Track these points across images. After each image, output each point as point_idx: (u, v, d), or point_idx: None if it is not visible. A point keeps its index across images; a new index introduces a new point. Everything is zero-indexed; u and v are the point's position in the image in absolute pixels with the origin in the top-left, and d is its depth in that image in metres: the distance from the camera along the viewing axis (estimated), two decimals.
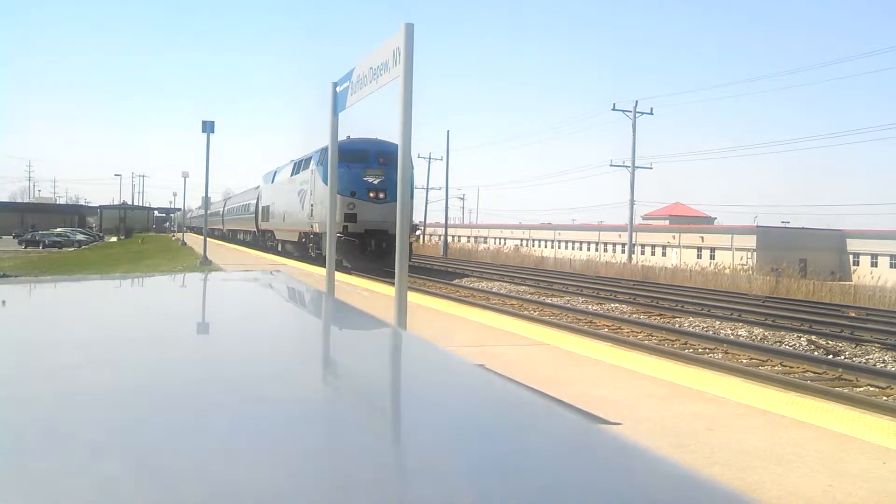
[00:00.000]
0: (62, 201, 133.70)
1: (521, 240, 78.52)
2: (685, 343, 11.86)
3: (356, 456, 0.72)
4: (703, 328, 13.94)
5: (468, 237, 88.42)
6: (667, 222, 76.48)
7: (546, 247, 72.32)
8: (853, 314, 16.81)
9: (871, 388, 8.89)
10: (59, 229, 72.10)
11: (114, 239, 75.06)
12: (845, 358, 11.13)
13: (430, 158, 58.96)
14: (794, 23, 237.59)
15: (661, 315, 15.93)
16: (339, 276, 11.30)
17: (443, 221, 52.11)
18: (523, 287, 22.35)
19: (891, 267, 51.97)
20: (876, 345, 12.15)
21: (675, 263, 38.62)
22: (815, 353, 11.36)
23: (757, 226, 61.62)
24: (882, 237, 56.61)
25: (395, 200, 5.35)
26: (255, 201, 37.80)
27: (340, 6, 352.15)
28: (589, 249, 69.86)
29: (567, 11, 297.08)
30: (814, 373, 9.67)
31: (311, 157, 24.80)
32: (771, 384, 7.29)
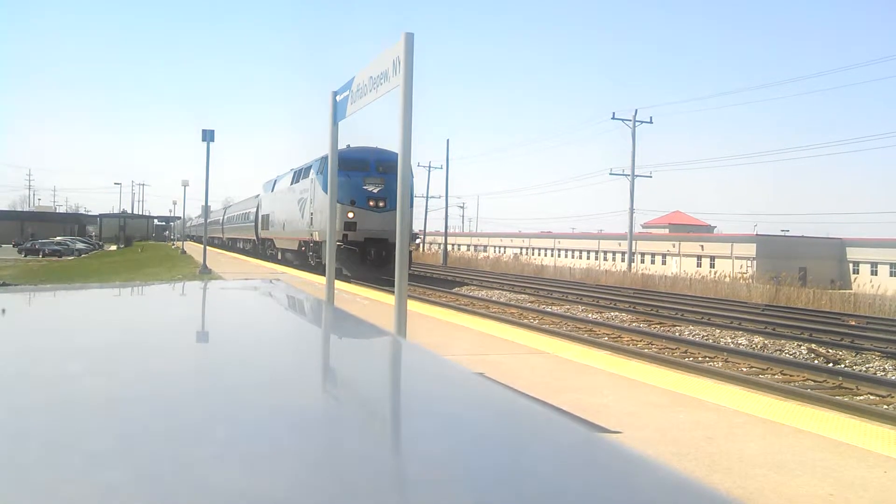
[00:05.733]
0: (62, 210, 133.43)
1: (521, 248, 78.41)
2: (685, 351, 11.85)
3: (356, 465, 0.72)
4: (703, 337, 13.93)
5: (468, 246, 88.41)
6: (666, 231, 76.49)
7: (546, 255, 72.24)
8: (853, 322, 16.80)
9: (871, 397, 8.88)
10: (58, 238, 72.01)
11: (113, 247, 74.97)
12: (845, 366, 11.12)
13: (429, 167, 59.05)
14: (795, 31, 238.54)
15: (660, 324, 15.91)
16: (338, 284, 11.30)
17: (442, 230, 52.16)
18: (523, 295, 22.33)
19: (891, 275, 51.92)
20: (876, 353, 12.14)
21: (674, 272, 38.62)
22: (816, 362, 11.35)
23: (757, 234, 61.62)
24: (882, 246, 56.56)
25: (395, 209, 5.34)
26: (254, 210, 37.84)
27: (341, 15, 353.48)
28: (589, 258, 69.86)
29: (567, 20, 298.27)
30: (814, 381, 9.65)
31: (310, 166, 24.83)
32: (771, 392, 7.28)
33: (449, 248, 51.99)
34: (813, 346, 12.69)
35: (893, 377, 10.36)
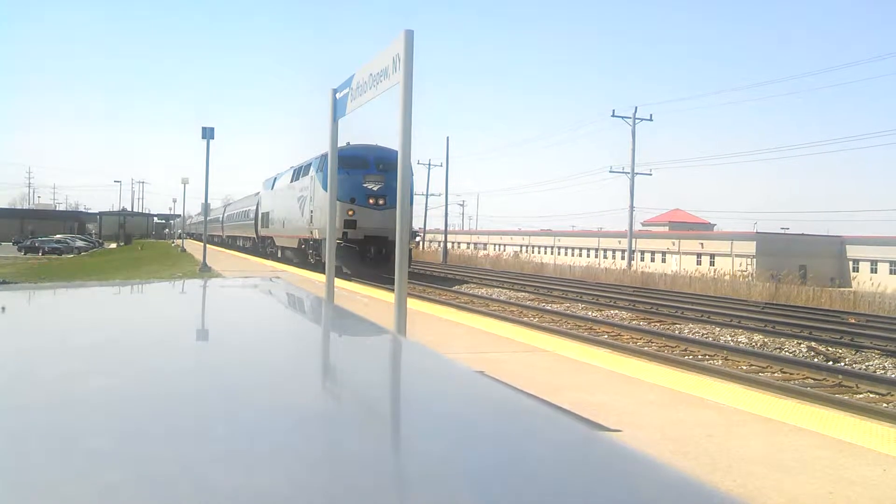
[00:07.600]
0: (62, 208, 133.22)
1: (521, 246, 78.41)
2: (685, 349, 11.85)
3: (356, 463, 0.72)
4: (702, 335, 13.93)
5: (468, 243, 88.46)
6: (666, 228, 76.56)
7: (546, 253, 72.18)
8: (853, 320, 16.80)
9: (871, 395, 8.89)
10: (58, 235, 72.04)
11: (113, 245, 75.01)
12: (845, 364, 11.12)
13: (429, 165, 59.00)
14: (794, 28, 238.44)
15: (660, 321, 15.92)
16: (338, 282, 11.29)
17: (442, 228, 52.15)
18: (523, 293, 22.33)
19: (890, 273, 51.91)
20: (876, 351, 12.15)
21: (674, 270, 38.62)
22: (815, 360, 11.35)
23: (756, 232, 61.62)
24: (882, 243, 56.55)
25: (395, 207, 5.34)
26: (254, 207, 37.83)
27: (341, 12, 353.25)
28: (588, 256, 69.89)
29: (567, 18, 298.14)
30: (814, 379, 9.66)
31: (310, 164, 24.82)
32: (771, 391, 7.28)
33: (449, 245, 51.95)
34: (813, 344, 12.70)
35: (893, 375, 10.36)
